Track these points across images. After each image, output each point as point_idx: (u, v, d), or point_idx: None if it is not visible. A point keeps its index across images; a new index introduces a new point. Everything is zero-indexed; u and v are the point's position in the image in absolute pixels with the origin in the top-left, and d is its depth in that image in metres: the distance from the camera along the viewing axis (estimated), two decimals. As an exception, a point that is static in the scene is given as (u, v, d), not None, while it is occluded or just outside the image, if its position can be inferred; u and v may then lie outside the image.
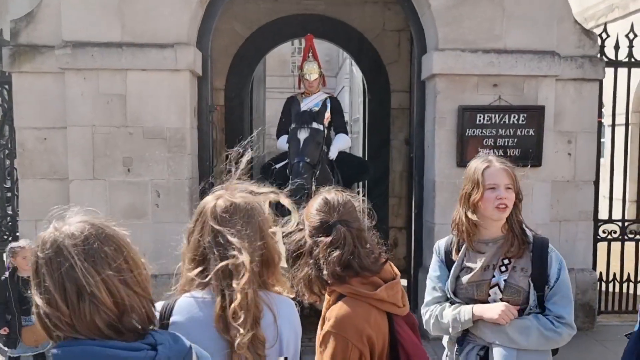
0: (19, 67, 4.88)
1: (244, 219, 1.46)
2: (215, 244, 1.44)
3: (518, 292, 2.16)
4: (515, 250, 2.16)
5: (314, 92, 5.33)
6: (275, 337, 1.46)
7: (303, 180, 4.24)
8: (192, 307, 1.45)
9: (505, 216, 2.18)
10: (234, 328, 1.38)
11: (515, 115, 4.97)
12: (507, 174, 2.17)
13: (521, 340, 2.12)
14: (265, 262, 1.48)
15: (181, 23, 4.84)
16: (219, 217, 1.46)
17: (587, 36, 5.22)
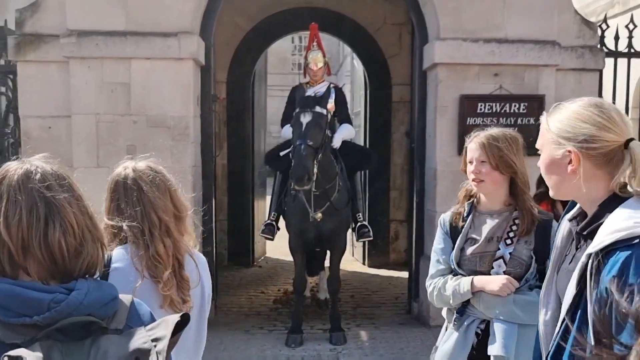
0: (24, 56, 4.92)
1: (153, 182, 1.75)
2: (133, 204, 1.70)
3: (521, 265, 2.19)
4: (527, 228, 2.19)
5: (318, 82, 5.35)
6: (197, 280, 1.76)
7: (305, 163, 4.26)
8: (125, 256, 1.68)
9: (485, 190, 2.23)
10: (160, 269, 1.65)
11: (516, 104, 5.01)
12: (482, 148, 2.21)
13: (524, 315, 2.13)
14: (176, 218, 1.78)
15: (185, 12, 4.88)
16: (130, 183, 1.73)
17: (587, 26, 5.27)
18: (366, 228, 5.46)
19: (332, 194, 4.83)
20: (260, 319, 5.53)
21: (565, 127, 1.36)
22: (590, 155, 1.32)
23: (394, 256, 7.90)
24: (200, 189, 5.21)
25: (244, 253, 7.79)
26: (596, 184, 1.34)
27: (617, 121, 1.35)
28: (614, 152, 1.32)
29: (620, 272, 1.20)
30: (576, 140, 1.33)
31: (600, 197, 1.34)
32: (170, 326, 1.17)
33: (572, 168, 1.33)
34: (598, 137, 1.32)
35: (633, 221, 1.23)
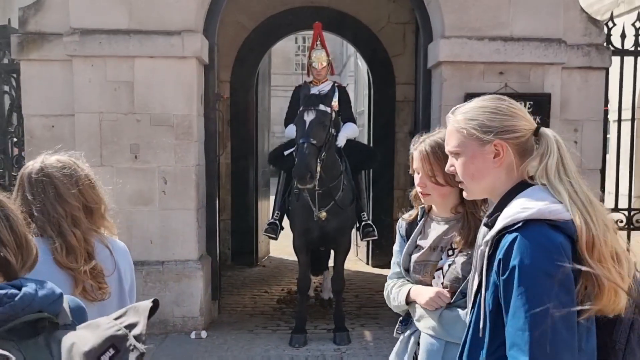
0: (27, 55, 4.91)
1: (61, 174, 1.78)
2: (38, 195, 1.74)
3: (457, 280, 1.99)
4: (465, 240, 1.99)
5: (322, 81, 5.32)
6: (113, 267, 1.82)
7: (307, 161, 4.23)
8: (44, 247, 1.68)
9: (432, 202, 2.07)
10: (72, 260, 1.70)
11: (522, 103, 4.89)
12: (427, 161, 2.01)
13: (446, 331, 1.98)
14: (87, 210, 1.80)
15: (188, 10, 4.86)
16: (35, 176, 1.76)
17: (593, 24, 5.23)
18: (371, 227, 5.43)
19: (337, 193, 4.80)
20: (263, 318, 5.51)
21: (485, 122, 1.36)
22: (513, 145, 1.35)
23: (396, 255, 7.85)
24: (203, 188, 5.20)
25: (248, 252, 7.77)
26: (512, 174, 1.36)
27: (524, 110, 1.41)
28: (528, 140, 1.36)
29: (504, 255, 1.24)
30: (500, 131, 1.34)
31: (510, 187, 1.37)
32: (143, 311, 1.19)
33: (500, 161, 1.35)
34: (518, 126, 1.35)
35: (521, 207, 1.26)
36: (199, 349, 4.59)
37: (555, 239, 1.22)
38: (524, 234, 1.23)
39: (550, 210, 1.24)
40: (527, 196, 1.30)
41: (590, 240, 1.23)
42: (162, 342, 4.74)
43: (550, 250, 1.20)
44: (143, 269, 4.86)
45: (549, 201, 1.27)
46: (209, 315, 5.20)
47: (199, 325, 4.96)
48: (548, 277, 1.17)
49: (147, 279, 4.90)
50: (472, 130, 1.37)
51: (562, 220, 1.24)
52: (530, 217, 1.24)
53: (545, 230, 1.22)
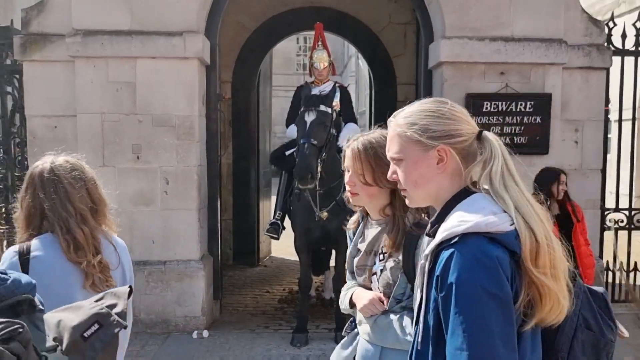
0: (30, 56, 4.93)
1: (70, 175, 1.89)
2: (50, 194, 1.85)
3: (388, 285, 1.93)
4: (392, 243, 1.92)
5: (323, 81, 5.33)
6: (117, 262, 1.94)
7: (308, 161, 4.23)
8: (44, 245, 1.83)
9: (360, 203, 2.00)
10: (81, 255, 1.83)
11: (522, 103, 4.99)
12: (358, 159, 1.93)
13: (376, 338, 1.94)
14: (92, 209, 1.92)
15: (190, 11, 4.88)
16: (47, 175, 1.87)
17: (594, 25, 5.24)
18: (371, 227, 5.43)
19: (338, 193, 4.81)
20: (265, 318, 5.52)
21: (428, 126, 1.30)
22: (456, 150, 1.29)
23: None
24: (205, 188, 5.22)
25: (249, 252, 7.79)
26: (456, 181, 1.31)
27: (466, 113, 1.35)
28: (471, 144, 1.31)
29: (442, 272, 1.19)
30: (443, 136, 1.29)
31: (453, 194, 1.32)
32: (122, 294, 1.39)
33: (444, 167, 1.29)
34: (461, 130, 1.30)
35: (459, 220, 1.21)
36: (200, 349, 4.60)
37: (492, 253, 1.16)
38: (460, 249, 1.17)
39: (488, 223, 1.18)
40: (467, 206, 1.25)
41: (534, 250, 1.18)
42: (164, 341, 4.76)
43: (488, 266, 1.15)
44: (145, 269, 4.88)
45: (489, 211, 1.21)
46: (210, 315, 5.21)
47: (201, 325, 4.97)
48: (485, 294, 1.13)
49: (149, 279, 4.92)
50: (415, 134, 1.30)
51: (500, 232, 1.18)
52: (466, 230, 1.18)
53: (483, 245, 1.17)
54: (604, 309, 1.37)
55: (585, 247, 4.07)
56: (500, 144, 1.29)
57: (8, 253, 1.83)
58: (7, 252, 1.84)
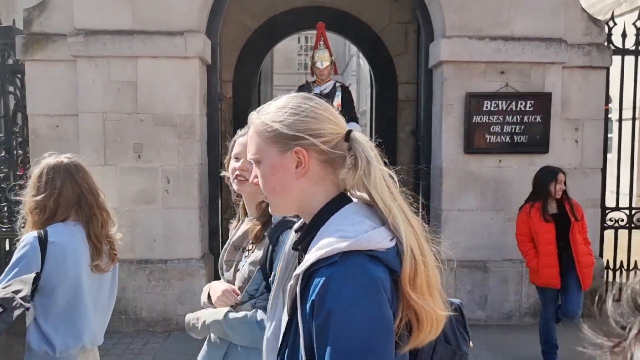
0: (32, 56, 4.95)
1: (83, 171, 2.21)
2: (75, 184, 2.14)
3: (245, 280, 1.88)
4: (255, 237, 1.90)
5: (325, 80, 5.36)
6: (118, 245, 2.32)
7: None
8: (65, 230, 2.11)
9: (247, 190, 1.93)
10: (101, 237, 2.17)
11: (522, 102, 5.00)
12: None
13: (225, 333, 1.87)
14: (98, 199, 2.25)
15: (191, 11, 4.90)
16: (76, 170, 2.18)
17: (594, 24, 5.25)
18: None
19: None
20: (266, 317, 5.54)
21: (284, 125, 1.14)
22: (318, 152, 1.14)
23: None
24: (206, 187, 5.24)
25: (250, 252, 7.80)
26: (323, 187, 1.16)
27: (333, 112, 1.19)
28: (338, 146, 1.15)
29: (318, 296, 1.03)
30: (302, 136, 1.13)
31: (323, 203, 1.16)
32: (28, 280, 1.60)
33: (302, 170, 1.14)
34: (322, 130, 1.14)
35: (337, 235, 1.06)
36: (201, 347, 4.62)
37: (374, 273, 1.03)
38: (340, 269, 1.02)
39: (369, 239, 1.05)
40: (343, 218, 1.10)
41: (413, 270, 1.07)
42: (165, 339, 4.78)
43: (371, 290, 1.02)
44: (146, 267, 4.91)
45: (368, 225, 1.08)
46: (211, 314, 5.23)
47: (202, 323, 4.99)
48: (369, 322, 1.01)
49: (150, 277, 4.94)
50: (271, 134, 1.15)
51: (381, 250, 1.06)
52: (347, 248, 1.03)
53: (364, 264, 1.03)
54: (460, 321, 1.31)
55: (584, 246, 4.08)
56: (372, 146, 1.15)
57: (28, 237, 2.06)
58: (27, 236, 2.07)
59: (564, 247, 4.05)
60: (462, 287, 5.09)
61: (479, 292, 5.11)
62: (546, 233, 4.01)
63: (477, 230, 5.08)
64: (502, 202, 5.07)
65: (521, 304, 5.13)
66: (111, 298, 2.29)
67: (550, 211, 4.05)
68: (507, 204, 5.00)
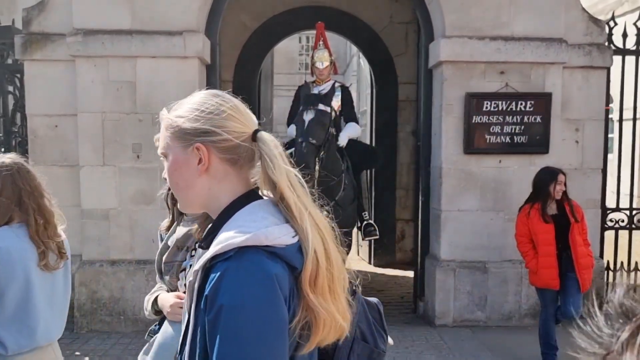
0: (31, 55, 4.95)
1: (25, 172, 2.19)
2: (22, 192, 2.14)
3: None
4: (200, 233, 1.88)
5: (325, 80, 5.34)
6: (68, 245, 2.30)
7: (305, 160, 4.24)
8: (10, 233, 2.11)
9: None
10: (45, 237, 2.16)
11: (523, 102, 4.98)
12: None
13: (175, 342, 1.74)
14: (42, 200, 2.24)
15: (190, 11, 4.89)
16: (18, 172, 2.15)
17: (594, 24, 5.23)
18: (372, 227, 5.44)
19: (337, 191, 4.82)
20: (265, 317, 5.52)
21: (191, 121, 1.14)
22: (220, 149, 1.14)
23: (400, 255, 7.88)
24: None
25: (250, 252, 7.79)
26: (229, 185, 1.16)
27: (242, 110, 1.18)
28: (240, 145, 1.15)
29: (211, 291, 1.02)
30: (202, 132, 1.13)
31: (229, 201, 1.16)
32: None
33: (203, 168, 1.13)
34: (225, 127, 1.14)
35: (236, 230, 1.06)
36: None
37: (270, 270, 1.02)
38: (234, 265, 1.02)
39: (267, 235, 1.04)
40: (246, 214, 1.10)
41: (315, 270, 1.06)
42: (164, 340, 4.77)
43: (265, 286, 1.01)
44: (145, 268, 4.90)
45: (270, 221, 1.08)
46: (210, 314, 5.22)
47: (201, 324, 4.98)
48: (259, 319, 1.00)
49: (149, 278, 4.92)
50: (175, 129, 1.16)
51: (281, 246, 1.05)
52: (244, 243, 1.03)
53: (261, 261, 1.03)
54: (377, 319, 1.32)
55: (583, 247, 4.06)
56: (278, 146, 1.15)
57: None
58: None
59: (563, 248, 4.03)
60: (461, 287, 5.08)
61: (479, 293, 5.09)
62: (545, 234, 3.99)
63: (477, 230, 5.06)
64: (502, 202, 5.05)
65: (521, 305, 5.11)
66: (66, 294, 2.34)
67: (550, 212, 4.03)
68: (507, 204, 4.98)
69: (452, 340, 4.77)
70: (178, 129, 1.15)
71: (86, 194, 4.91)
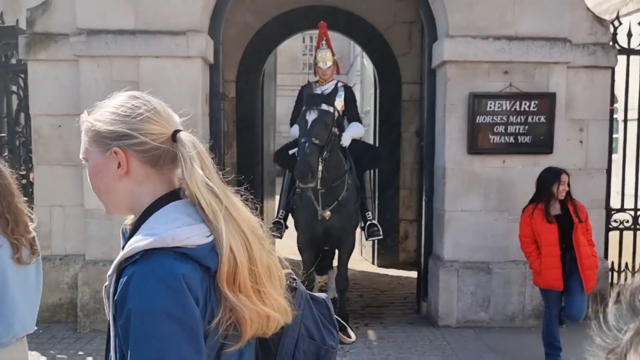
0: (35, 55, 4.96)
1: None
2: None
3: None
4: None
5: (327, 80, 5.32)
6: (38, 241, 2.43)
7: (309, 160, 4.23)
8: None
9: None
10: (17, 234, 2.27)
11: (527, 102, 4.96)
12: None
13: None
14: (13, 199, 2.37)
15: (193, 10, 4.89)
16: None
17: (599, 23, 5.20)
18: (376, 227, 5.43)
19: (340, 192, 4.81)
20: (268, 317, 5.52)
21: (107, 125, 1.14)
22: (138, 152, 1.13)
23: (403, 256, 7.86)
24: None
25: (253, 252, 7.78)
26: (150, 187, 1.15)
27: (160, 111, 1.18)
28: (159, 147, 1.14)
29: (120, 296, 1.02)
30: (121, 136, 1.12)
31: (149, 203, 1.15)
32: None
33: (122, 171, 1.13)
34: (142, 130, 1.13)
35: (146, 233, 1.05)
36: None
37: (177, 271, 1.01)
38: (140, 268, 1.01)
39: (175, 236, 1.03)
40: (160, 216, 1.10)
41: (232, 269, 1.05)
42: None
43: (171, 287, 1.00)
44: (148, 268, 4.90)
45: (182, 222, 1.06)
46: (213, 314, 5.22)
47: (204, 324, 4.98)
48: (168, 321, 0.98)
49: (152, 278, 4.93)
50: (93, 133, 1.15)
51: (191, 246, 1.03)
52: (148, 246, 1.02)
53: (167, 262, 1.01)
54: (326, 315, 1.29)
55: (587, 248, 4.04)
56: (197, 146, 1.15)
57: None
58: None
59: (567, 248, 4.01)
60: (465, 288, 5.06)
61: (482, 294, 5.08)
62: (549, 234, 3.98)
63: (481, 231, 5.05)
64: (505, 203, 5.03)
65: (525, 305, 5.09)
66: (38, 288, 2.43)
67: (553, 212, 4.01)
68: (511, 204, 4.96)
69: (456, 341, 4.75)
70: (95, 133, 1.15)
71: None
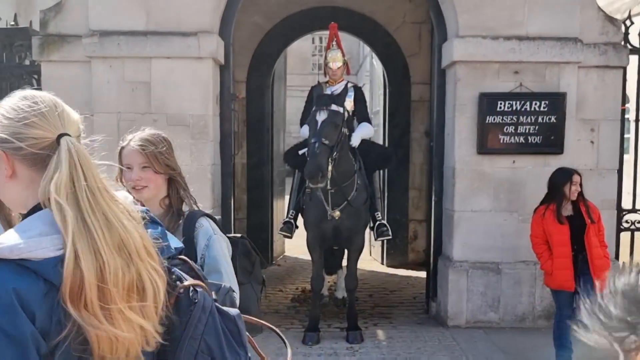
0: (48, 57, 5.02)
1: None
2: None
3: None
4: (166, 224, 1.93)
5: (337, 81, 5.34)
6: None
7: (318, 160, 4.24)
8: None
9: (148, 196, 2.06)
10: None
11: (537, 102, 4.94)
12: (141, 153, 2.10)
13: None
14: None
15: (204, 12, 4.93)
16: None
17: (610, 23, 5.17)
18: (385, 227, 5.43)
19: (350, 192, 4.82)
20: (278, 317, 5.55)
21: None
22: (20, 156, 1.11)
23: (412, 256, 7.86)
24: (219, 187, 5.26)
25: (263, 251, 7.76)
26: (36, 191, 1.11)
27: (47, 114, 1.13)
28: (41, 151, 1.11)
29: None
30: (2, 141, 1.11)
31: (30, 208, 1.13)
32: None
33: (7, 174, 1.12)
34: (24, 134, 1.10)
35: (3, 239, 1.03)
36: (213, 346, 4.64)
37: (7, 285, 0.98)
38: None
39: (14, 248, 1.00)
40: (22, 224, 1.08)
41: (77, 284, 1.01)
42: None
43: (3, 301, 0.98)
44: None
45: (36, 232, 1.04)
46: (223, 313, 5.25)
47: (214, 323, 5.01)
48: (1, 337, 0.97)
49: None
50: None
51: (36, 259, 1.01)
52: None
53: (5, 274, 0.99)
54: (234, 333, 1.24)
55: (600, 248, 4.01)
56: (78, 150, 1.11)
57: None
58: None
59: (579, 249, 3.99)
60: (474, 289, 5.06)
61: (492, 294, 5.07)
62: (560, 235, 3.96)
63: (490, 231, 5.04)
64: (516, 203, 5.02)
65: (535, 306, 5.08)
66: None
67: (565, 213, 4.00)
68: (521, 205, 4.95)
69: (465, 341, 4.75)
70: None
71: None
